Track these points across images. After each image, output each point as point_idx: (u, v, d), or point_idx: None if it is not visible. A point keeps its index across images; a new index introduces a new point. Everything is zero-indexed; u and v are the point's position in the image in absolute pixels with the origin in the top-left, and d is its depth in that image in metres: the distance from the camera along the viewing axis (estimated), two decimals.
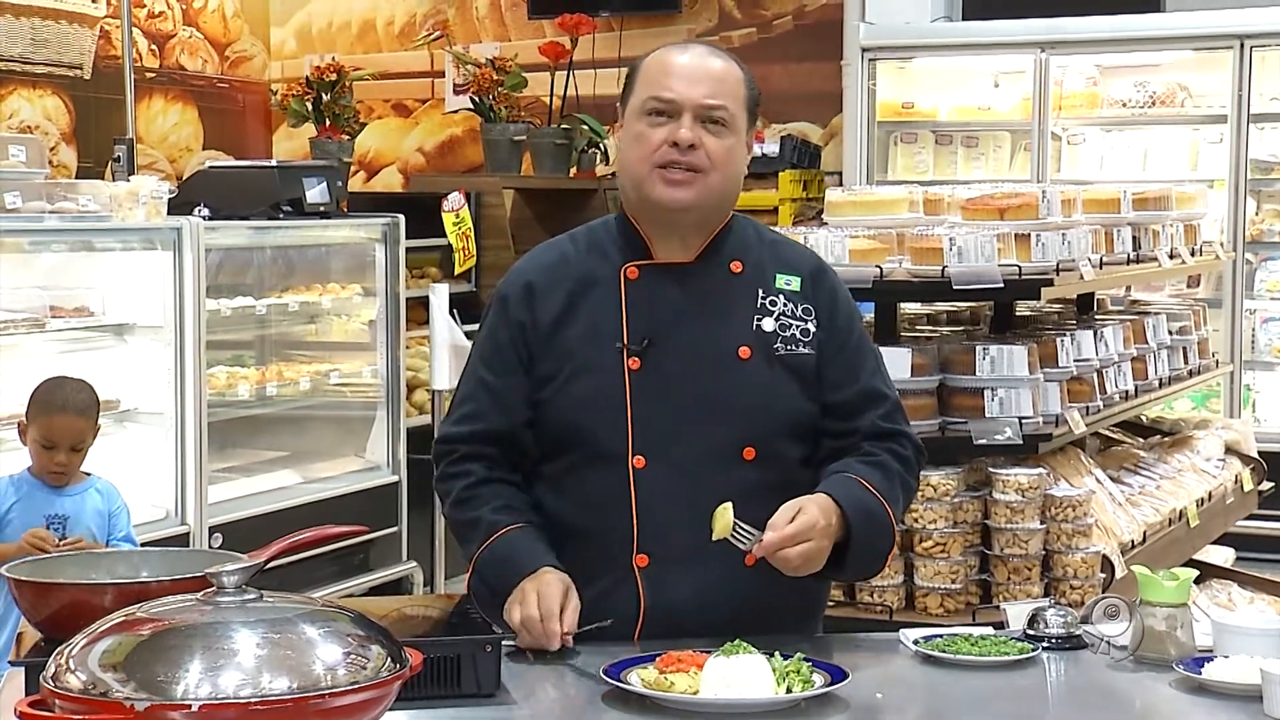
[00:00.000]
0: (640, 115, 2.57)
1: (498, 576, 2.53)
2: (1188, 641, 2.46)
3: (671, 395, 2.54)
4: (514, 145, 8.45)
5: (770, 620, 2.55)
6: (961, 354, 4.05)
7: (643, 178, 2.56)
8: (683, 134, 2.53)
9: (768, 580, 2.50)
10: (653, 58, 2.62)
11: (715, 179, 2.56)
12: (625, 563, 2.54)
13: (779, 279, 2.63)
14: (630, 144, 2.59)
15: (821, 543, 2.44)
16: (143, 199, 5.43)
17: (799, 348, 2.59)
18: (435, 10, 10.00)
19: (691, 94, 2.55)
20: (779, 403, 2.58)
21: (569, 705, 2.26)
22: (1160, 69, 8.12)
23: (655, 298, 2.58)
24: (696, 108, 2.54)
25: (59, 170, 8.50)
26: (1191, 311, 5.51)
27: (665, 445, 2.53)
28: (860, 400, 2.63)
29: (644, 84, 2.59)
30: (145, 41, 9.47)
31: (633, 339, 2.55)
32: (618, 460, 2.53)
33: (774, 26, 9.23)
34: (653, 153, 2.55)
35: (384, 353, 6.63)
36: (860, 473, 2.56)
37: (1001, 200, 4.32)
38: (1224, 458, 5.26)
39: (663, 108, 2.55)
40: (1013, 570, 3.89)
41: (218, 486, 5.82)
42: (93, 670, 1.72)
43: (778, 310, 2.61)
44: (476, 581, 2.58)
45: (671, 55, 2.60)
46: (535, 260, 2.68)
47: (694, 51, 2.62)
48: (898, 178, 8.15)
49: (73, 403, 4.08)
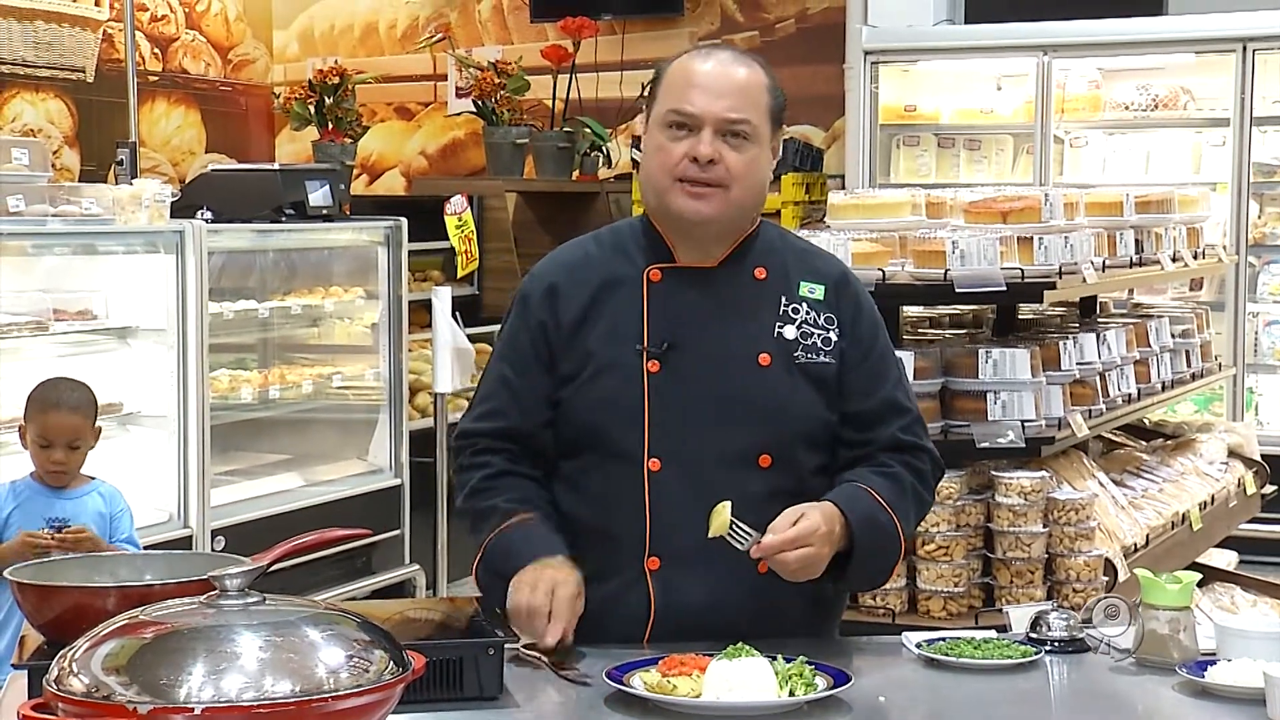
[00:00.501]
0: (662, 126, 2.56)
1: (505, 561, 2.52)
2: (1190, 645, 2.46)
3: (689, 399, 2.54)
4: (516, 148, 8.46)
5: (782, 624, 2.54)
6: (964, 357, 4.05)
7: (665, 189, 2.56)
8: (702, 149, 2.52)
9: (779, 584, 2.49)
10: (676, 65, 2.60)
11: (736, 192, 2.56)
12: (637, 565, 2.54)
13: (803, 286, 2.63)
14: (652, 154, 2.58)
15: (821, 549, 2.43)
16: (145, 202, 5.43)
17: (820, 356, 2.59)
18: (438, 13, 10.01)
19: (713, 108, 2.53)
20: (797, 410, 2.57)
21: (571, 708, 2.26)
22: (1163, 72, 8.11)
23: (677, 301, 2.58)
24: (718, 122, 2.53)
25: (62, 173, 8.50)
26: (1194, 315, 5.51)
27: (681, 449, 2.53)
28: (881, 411, 2.63)
29: (667, 93, 2.58)
30: (148, 45, 9.47)
31: (653, 342, 2.55)
32: (633, 462, 2.53)
33: (776, 29, 9.23)
34: (674, 165, 2.54)
35: (386, 356, 6.63)
36: (871, 483, 2.56)
37: (1004, 203, 4.31)
38: (1227, 461, 5.25)
39: (684, 120, 2.54)
40: (1015, 573, 3.89)
41: (220, 489, 5.82)
42: (95, 673, 1.72)
43: (800, 318, 2.60)
44: (483, 570, 2.57)
45: (694, 65, 2.58)
46: (558, 260, 2.68)
47: (717, 59, 2.59)
48: (900, 181, 8.15)
49: (66, 400, 4.10)
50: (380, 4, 10.22)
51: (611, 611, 2.51)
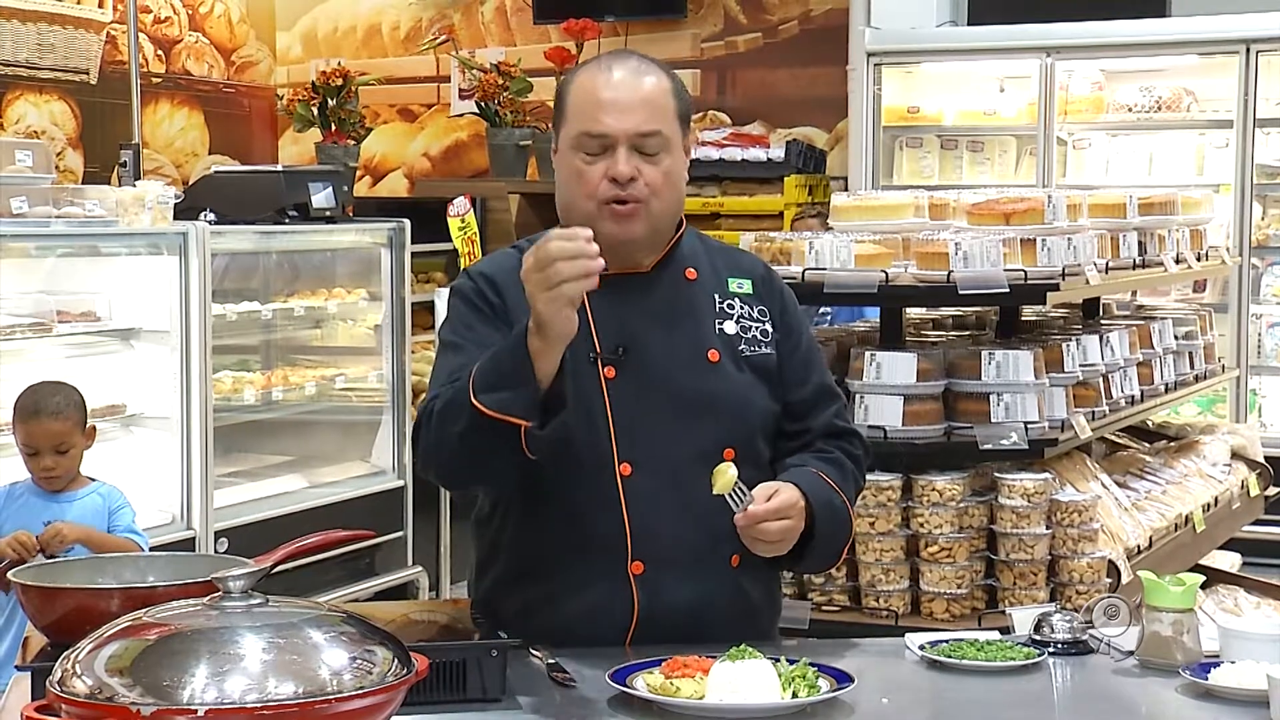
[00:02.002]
0: (574, 149, 2.56)
1: (500, 358, 2.37)
2: (1194, 647, 2.46)
3: (650, 401, 2.54)
4: (519, 150, 8.46)
5: (755, 619, 2.60)
6: (967, 359, 4.05)
7: (590, 214, 2.54)
8: (621, 169, 2.52)
9: (753, 580, 2.58)
10: (579, 83, 2.58)
11: (657, 205, 2.56)
12: (620, 572, 2.53)
13: (731, 282, 2.67)
14: (571, 179, 2.57)
15: (798, 523, 2.48)
16: (149, 204, 5.43)
17: (761, 348, 2.64)
18: (441, 15, 10.01)
19: (624, 126, 2.53)
20: (753, 402, 2.61)
21: (574, 710, 2.26)
22: (1166, 74, 8.11)
23: (621, 306, 2.58)
24: (630, 138, 2.53)
25: (65, 175, 8.51)
26: (1197, 316, 5.50)
27: (650, 451, 2.53)
28: (816, 398, 2.69)
29: (575, 114, 2.56)
30: (151, 47, 9.48)
31: (605, 348, 2.55)
32: (603, 469, 2.52)
33: (779, 31, 9.23)
34: (595, 189, 2.54)
35: (389, 357, 6.63)
36: (819, 467, 2.61)
37: (1007, 205, 4.31)
38: (1230, 463, 5.24)
39: (595, 144, 2.54)
40: (1018, 575, 3.89)
41: (223, 491, 5.83)
42: (99, 675, 1.73)
43: (736, 313, 2.64)
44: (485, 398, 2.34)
45: (598, 81, 2.56)
46: (494, 263, 2.66)
47: (620, 70, 2.57)
48: (903, 182, 8.15)
49: (46, 406, 4.10)
50: (383, 5, 10.22)
51: (593, 619, 2.51)
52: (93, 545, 3.96)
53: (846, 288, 4.05)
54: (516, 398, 2.34)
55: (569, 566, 2.53)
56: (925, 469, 3.91)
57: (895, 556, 3.87)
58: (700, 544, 2.52)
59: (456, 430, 2.40)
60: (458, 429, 2.40)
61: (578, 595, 2.52)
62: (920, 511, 3.86)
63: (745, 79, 9.15)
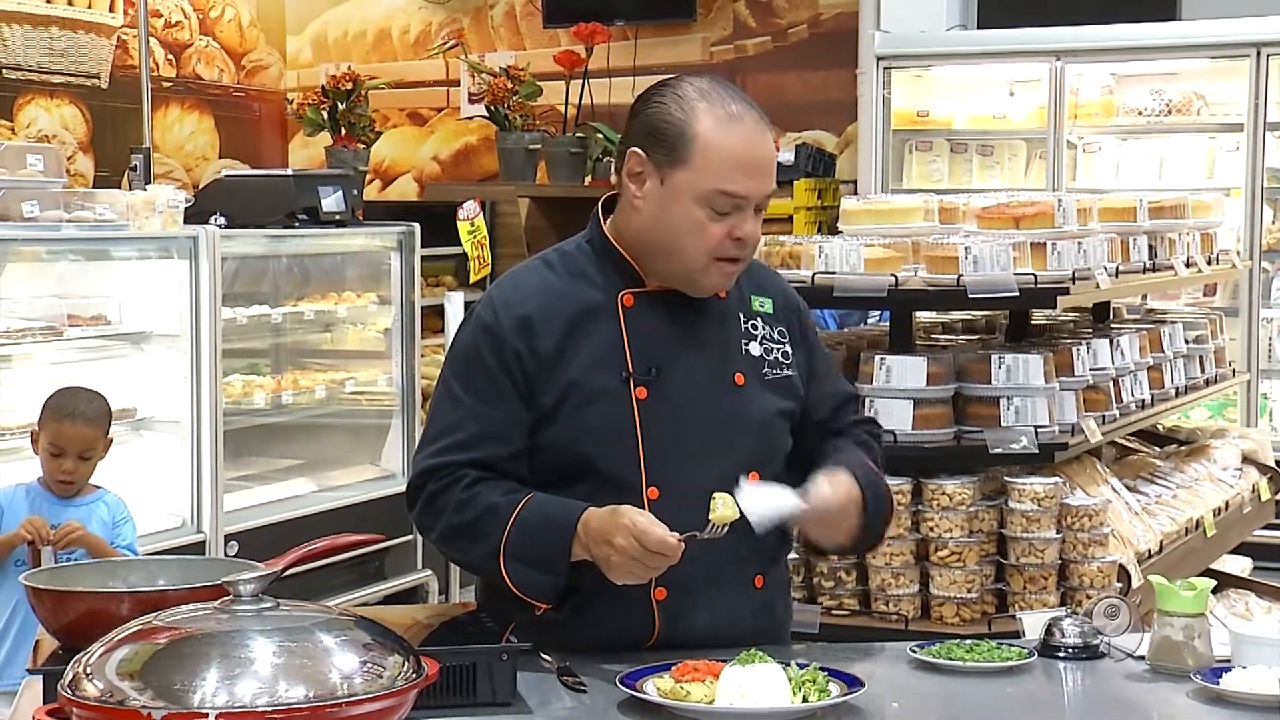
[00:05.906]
0: (701, 203, 2.46)
1: (543, 535, 2.42)
2: (1205, 651, 2.45)
3: (679, 424, 2.52)
4: (529, 154, 8.47)
5: (779, 634, 2.61)
6: (977, 363, 4.05)
7: (700, 268, 2.50)
8: (748, 229, 2.49)
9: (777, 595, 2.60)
10: (713, 135, 2.45)
11: (749, 254, 2.56)
12: (643, 596, 2.50)
13: (754, 300, 2.65)
14: (690, 230, 2.47)
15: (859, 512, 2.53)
16: (159, 208, 5.44)
17: (783, 371, 2.63)
18: (450, 19, 10.02)
19: (760, 189, 2.48)
20: (776, 426, 2.61)
21: (584, 714, 2.26)
22: (1176, 77, 8.10)
23: (652, 325, 2.55)
24: (761, 200, 2.51)
25: (76, 179, 8.53)
26: (1208, 320, 5.50)
27: (677, 475, 2.50)
28: (839, 407, 2.74)
29: (708, 169, 2.45)
30: (162, 51, 9.50)
31: (638, 368, 2.52)
32: (629, 490, 2.47)
33: (789, 35, 9.23)
34: (716, 246, 2.49)
35: (399, 361, 6.64)
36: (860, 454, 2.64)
37: (1017, 209, 4.31)
38: (1241, 467, 5.24)
39: (729, 203, 2.47)
40: (1029, 580, 3.88)
41: (233, 495, 5.83)
42: (110, 678, 1.73)
43: (759, 334, 2.63)
44: (512, 564, 2.43)
45: (734, 136, 2.46)
46: (521, 288, 2.58)
47: (749, 121, 2.48)
48: (913, 186, 8.15)
49: (83, 411, 4.11)
50: (393, 10, 10.24)
51: (612, 641, 2.48)
52: (95, 554, 3.96)
53: (856, 291, 4.05)
54: (544, 582, 2.44)
55: (590, 587, 2.47)
56: (935, 473, 3.90)
57: (905, 560, 3.87)
58: (725, 569, 2.50)
59: (466, 556, 2.55)
60: (467, 556, 2.55)
61: (599, 617, 2.49)
62: (930, 515, 3.85)
63: (754, 83, 9.14)
